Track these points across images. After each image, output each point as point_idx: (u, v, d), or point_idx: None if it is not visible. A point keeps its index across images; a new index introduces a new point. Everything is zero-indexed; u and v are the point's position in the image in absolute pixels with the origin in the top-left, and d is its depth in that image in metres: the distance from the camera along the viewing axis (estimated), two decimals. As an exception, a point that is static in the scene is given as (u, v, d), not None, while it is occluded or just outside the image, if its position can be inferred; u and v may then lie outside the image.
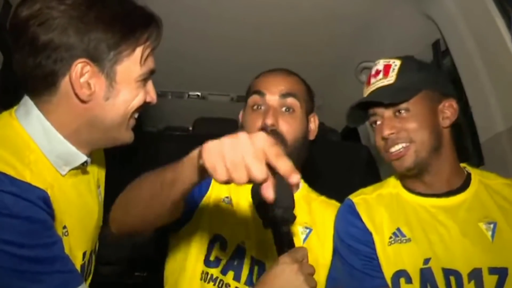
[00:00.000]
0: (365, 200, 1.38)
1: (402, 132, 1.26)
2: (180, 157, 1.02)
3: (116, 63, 1.01)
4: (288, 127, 1.38)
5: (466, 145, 2.01)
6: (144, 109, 1.15)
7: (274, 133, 1.34)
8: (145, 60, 1.05)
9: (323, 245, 1.40)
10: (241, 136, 0.86)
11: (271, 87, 1.42)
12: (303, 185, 1.50)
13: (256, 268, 1.35)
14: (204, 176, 0.97)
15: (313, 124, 1.47)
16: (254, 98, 1.42)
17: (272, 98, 1.40)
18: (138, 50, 1.03)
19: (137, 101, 1.07)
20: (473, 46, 1.67)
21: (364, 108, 1.33)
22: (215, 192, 1.42)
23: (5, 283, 0.90)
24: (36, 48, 0.97)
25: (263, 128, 1.35)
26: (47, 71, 0.99)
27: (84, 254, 1.14)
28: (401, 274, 1.27)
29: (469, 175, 1.36)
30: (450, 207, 1.30)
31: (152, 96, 1.11)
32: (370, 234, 1.31)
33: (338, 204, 1.44)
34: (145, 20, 1.05)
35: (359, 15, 1.88)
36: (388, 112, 1.28)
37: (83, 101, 1.01)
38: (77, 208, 1.11)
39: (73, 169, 1.09)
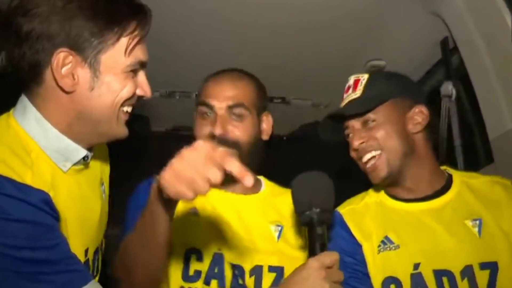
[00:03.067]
0: (353, 210, 1.41)
1: (371, 141, 1.31)
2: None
3: (100, 52, 0.99)
4: (239, 133, 1.40)
5: (475, 142, 2.00)
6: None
7: (223, 141, 1.35)
8: (131, 50, 1.03)
9: (298, 238, 1.41)
10: (184, 152, 0.94)
11: (218, 97, 1.40)
12: (266, 184, 1.50)
13: (236, 272, 1.35)
14: (175, 204, 1.06)
15: (266, 124, 1.51)
16: (202, 109, 1.41)
17: (220, 109, 1.40)
18: (124, 40, 1.01)
19: (125, 93, 1.04)
20: (481, 43, 1.66)
21: (342, 121, 1.38)
22: (180, 207, 1.37)
23: (12, 285, 0.91)
24: (20, 38, 0.97)
25: (212, 136, 1.36)
26: (31, 61, 0.98)
27: (86, 251, 1.13)
28: (391, 280, 1.29)
29: (450, 176, 1.39)
30: (435, 209, 1.33)
31: (144, 90, 1.08)
32: (359, 245, 1.34)
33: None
34: (132, 9, 1.03)
35: (367, 13, 1.87)
36: (357, 124, 1.34)
37: (67, 92, 1.00)
38: (77, 204, 1.10)
39: (75, 165, 1.09)
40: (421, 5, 1.80)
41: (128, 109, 1.09)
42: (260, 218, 1.44)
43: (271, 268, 1.38)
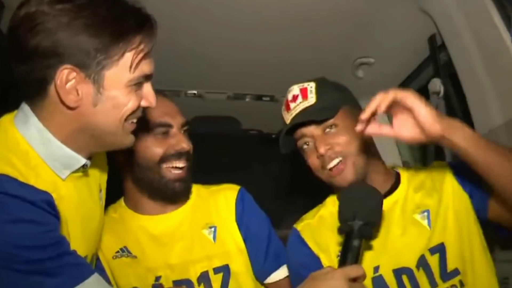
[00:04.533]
0: (308, 225, 1.46)
1: (336, 147, 1.33)
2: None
3: (104, 68, 0.99)
4: (191, 146, 1.49)
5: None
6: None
7: (187, 154, 1.46)
8: (136, 65, 1.02)
9: (231, 234, 1.50)
10: None
11: (175, 117, 1.47)
12: (193, 190, 1.55)
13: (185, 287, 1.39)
14: None
15: None
16: (161, 129, 1.45)
17: (178, 128, 1.48)
18: (128, 55, 1.01)
19: (130, 107, 1.04)
20: (469, 40, 1.66)
21: (291, 133, 1.40)
22: (105, 252, 1.44)
23: (16, 283, 0.93)
24: (26, 54, 0.97)
25: (179, 153, 1.44)
26: (36, 77, 0.98)
27: (86, 257, 1.15)
28: None
29: (398, 175, 1.43)
30: (387, 210, 1.34)
31: (150, 101, 1.08)
32: (317, 258, 1.39)
33: (226, 186, 1.58)
34: (137, 24, 1.02)
35: (356, 11, 1.87)
36: (317, 131, 1.36)
37: (71, 108, 1.00)
38: (78, 212, 1.11)
39: (73, 172, 1.09)
40: (409, 2, 1.80)
41: (134, 119, 1.09)
42: (191, 227, 1.50)
43: (216, 270, 1.45)
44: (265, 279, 1.53)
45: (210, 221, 1.51)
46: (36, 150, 1.02)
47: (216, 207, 1.54)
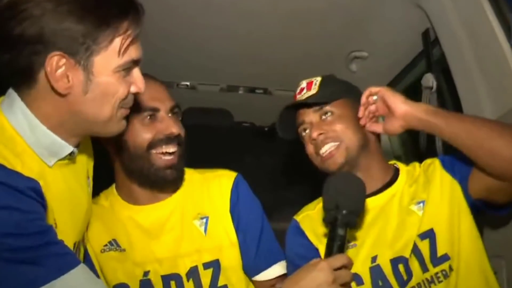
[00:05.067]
0: (308, 216, 1.49)
1: (330, 132, 1.38)
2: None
3: (93, 54, 0.98)
4: (182, 131, 1.43)
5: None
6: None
7: (178, 138, 1.40)
8: (125, 50, 1.02)
9: (224, 225, 1.45)
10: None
11: (163, 101, 1.41)
12: (186, 176, 1.48)
13: (173, 283, 1.38)
14: None
15: None
16: (148, 113, 1.38)
17: (167, 111, 1.41)
18: (117, 41, 1.00)
19: (120, 94, 1.04)
20: (462, 36, 1.67)
21: (293, 121, 1.46)
22: (94, 245, 1.41)
23: (2, 270, 0.92)
24: (10, 42, 0.95)
25: (168, 137, 1.38)
26: (22, 65, 0.97)
27: (74, 244, 1.15)
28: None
29: (397, 170, 1.48)
30: (384, 202, 1.41)
31: (138, 86, 1.08)
32: (315, 248, 1.41)
33: (222, 173, 1.53)
34: (122, 9, 1.01)
35: (350, 4, 1.87)
36: (315, 118, 1.42)
37: (61, 95, 0.99)
38: (66, 200, 1.11)
39: (60, 159, 1.08)
40: (404, -4, 1.80)
41: (127, 105, 1.09)
42: (182, 218, 1.44)
43: (206, 265, 1.41)
44: (254, 276, 1.47)
45: (202, 211, 1.45)
46: (23, 136, 1.02)
47: (209, 195, 1.48)
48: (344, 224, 1.14)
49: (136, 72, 1.07)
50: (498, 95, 1.60)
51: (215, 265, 1.41)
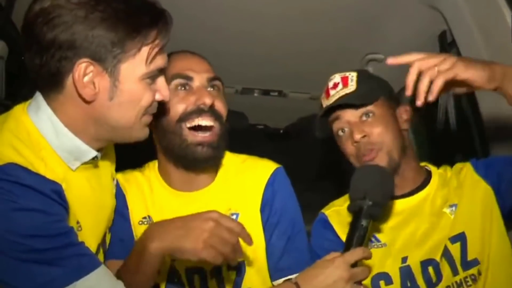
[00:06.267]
0: (337, 211, 1.46)
1: (372, 136, 1.34)
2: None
3: (120, 61, 1.00)
4: (221, 104, 1.32)
5: (473, 137, 2.00)
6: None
7: (212, 111, 1.29)
8: (152, 59, 1.03)
9: (253, 224, 1.33)
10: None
11: (198, 70, 1.31)
12: (224, 162, 1.39)
13: (196, 277, 1.32)
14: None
15: None
16: (179, 81, 1.29)
17: (201, 81, 1.31)
18: (145, 49, 1.02)
19: (144, 102, 1.05)
20: (479, 37, 1.65)
21: (327, 117, 1.41)
22: (133, 215, 1.35)
23: (23, 272, 0.93)
24: (42, 47, 0.97)
25: (200, 108, 1.27)
26: (52, 70, 0.99)
27: (98, 246, 1.17)
28: (381, 276, 1.34)
29: (429, 172, 1.46)
30: (417, 203, 1.40)
31: (163, 94, 1.09)
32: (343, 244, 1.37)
33: (261, 163, 1.42)
34: (153, 18, 1.03)
35: (366, 6, 1.86)
36: (354, 117, 1.37)
37: (87, 101, 1.01)
38: (90, 203, 1.12)
39: (84, 163, 1.10)
40: (419, -2, 1.79)
41: (151, 111, 1.10)
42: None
43: (230, 266, 1.31)
44: (275, 280, 1.33)
45: (233, 206, 1.34)
46: (47, 140, 1.03)
47: (243, 188, 1.36)
48: (368, 215, 1.15)
49: (161, 80, 1.09)
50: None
51: (240, 267, 1.33)
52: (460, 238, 1.33)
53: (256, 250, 1.33)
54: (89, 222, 1.11)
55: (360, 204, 1.16)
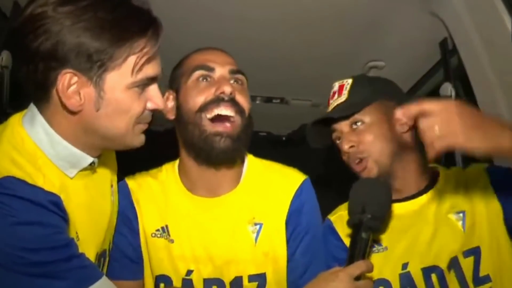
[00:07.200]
0: (341, 216, 1.43)
1: (360, 145, 1.34)
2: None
3: (106, 71, 0.97)
4: (243, 98, 1.31)
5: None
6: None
7: (233, 102, 1.26)
8: (139, 68, 1.00)
9: (277, 235, 1.31)
10: None
11: (219, 62, 1.31)
12: (247, 169, 1.37)
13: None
14: None
15: None
16: (200, 72, 1.28)
17: (223, 72, 1.30)
18: (132, 59, 0.99)
19: (134, 111, 1.03)
20: (480, 45, 1.65)
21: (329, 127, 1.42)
22: (146, 227, 1.33)
23: (26, 285, 0.92)
24: (27, 56, 0.96)
25: (220, 98, 1.25)
26: (38, 80, 0.98)
27: (96, 255, 1.15)
28: (380, 282, 1.31)
29: (436, 174, 1.42)
30: (420, 207, 1.36)
31: (156, 102, 1.06)
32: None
33: (288, 173, 1.40)
34: (141, 27, 1.00)
35: (367, 13, 1.87)
36: (345, 127, 1.38)
37: (74, 112, 0.99)
38: (88, 210, 1.11)
39: (81, 170, 1.09)
40: (420, 5, 1.80)
41: (145, 120, 1.07)
42: (236, 220, 1.31)
43: (251, 278, 1.29)
44: None
45: (257, 215, 1.30)
46: (42, 150, 1.02)
47: (268, 198, 1.32)
48: (368, 228, 1.15)
49: (153, 89, 1.06)
50: (518, 104, 1.58)
51: (261, 279, 1.29)
52: (474, 252, 1.28)
53: (278, 262, 1.31)
54: (87, 230, 1.10)
55: (360, 217, 1.17)
